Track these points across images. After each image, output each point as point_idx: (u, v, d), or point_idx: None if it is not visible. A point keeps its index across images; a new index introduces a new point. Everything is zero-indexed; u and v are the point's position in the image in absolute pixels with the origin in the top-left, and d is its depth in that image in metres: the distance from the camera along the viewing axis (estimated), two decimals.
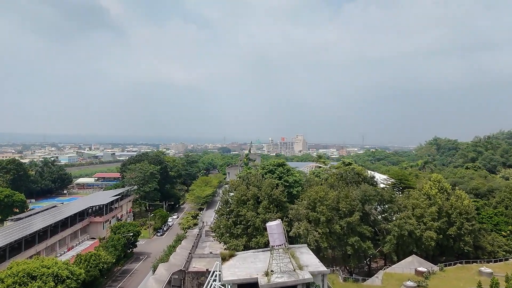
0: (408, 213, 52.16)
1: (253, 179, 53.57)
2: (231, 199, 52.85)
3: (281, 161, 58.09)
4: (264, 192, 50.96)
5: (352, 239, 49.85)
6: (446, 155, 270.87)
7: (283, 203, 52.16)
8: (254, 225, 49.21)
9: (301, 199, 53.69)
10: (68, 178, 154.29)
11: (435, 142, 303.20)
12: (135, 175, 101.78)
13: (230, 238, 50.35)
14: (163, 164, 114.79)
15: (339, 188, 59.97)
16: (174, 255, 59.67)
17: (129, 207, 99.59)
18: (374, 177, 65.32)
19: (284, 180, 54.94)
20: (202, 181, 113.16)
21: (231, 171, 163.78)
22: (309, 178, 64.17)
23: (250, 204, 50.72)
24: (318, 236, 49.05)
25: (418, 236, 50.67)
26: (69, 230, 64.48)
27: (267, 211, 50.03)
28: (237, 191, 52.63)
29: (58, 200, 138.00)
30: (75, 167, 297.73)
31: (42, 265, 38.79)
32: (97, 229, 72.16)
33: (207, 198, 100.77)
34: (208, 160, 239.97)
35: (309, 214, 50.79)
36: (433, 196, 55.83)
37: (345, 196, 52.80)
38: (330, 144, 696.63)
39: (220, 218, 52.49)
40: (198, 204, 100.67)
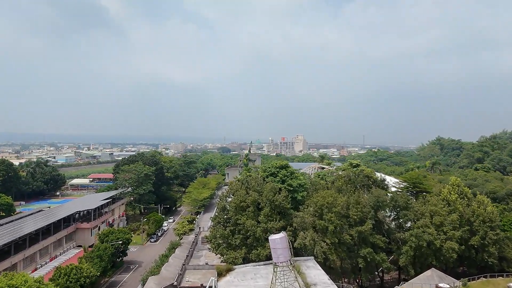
0: (426, 221, 46.77)
1: (253, 183, 48.23)
2: (229, 205, 47.49)
3: (284, 163, 52.72)
4: (266, 197, 45.62)
5: (364, 250, 44.53)
6: (449, 155, 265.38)
7: (286, 210, 46.82)
8: (254, 235, 43.89)
9: (306, 206, 48.37)
10: (61, 179, 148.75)
11: (438, 142, 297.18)
12: (129, 176, 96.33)
13: (227, 250, 45.03)
14: (159, 165, 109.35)
15: (347, 192, 54.66)
16: (166, 266, 54.19)
17: (122, 211, 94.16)
18: (384, 180, 59.96)
19: (287, 184, 49.58)
20: (199, 183, 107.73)
21: (230, 172, 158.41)
22: (315, 181, 58.79)
23: (250, 211, 45.38)
24: (326, 248, 43.69)
25: (437, 247, 45.30)
26: (52, 238, 59.07)
27: (269, 220, 44.70)
28: (236, 196, 47.27)
29: (50, 202, 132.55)
30: (72, 167, 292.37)
31: (9, 284, 33.37)
32: (84, 236, 66.76)
33: (204, 201, 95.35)
34: (207, 161, 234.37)
35: (315, 223, 45.44)
36: (452, 202, 50.43)
37: (355, 202, 47.46)
38: (330, 144, 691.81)
39: (216, 226, 47.11)
40: (195, 207, 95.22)
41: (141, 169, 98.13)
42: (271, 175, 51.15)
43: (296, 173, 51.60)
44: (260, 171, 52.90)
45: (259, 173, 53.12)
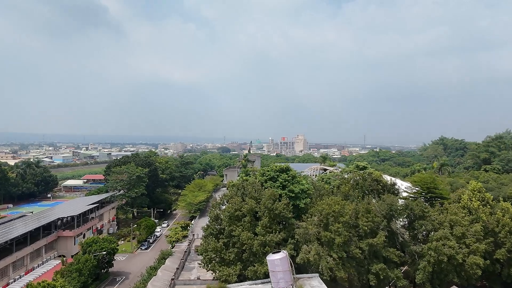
0: (445, 232, 41.20)
1: (250, 189, 42.70)
2: (223, 214, 41.95)
3: (284, 165, 47.17)
4: (264, 206, 40.09)
5: (376, 266, 38.99)
6: (453, 155, 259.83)
7: (287, 219, 41.29)
8: (251, 249, 38.38)
9: (310, 214, 42.83)
10: (53, 180, 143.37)
11: (442, 142, 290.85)
12: (120, 178, 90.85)
13: (220, 265, 39.48)
14: (152, 166, 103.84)
15: (355, 199, 49.14)
16: (153, 280, 48.77)
17: (113, 215, 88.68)
18: (395, 184, 54.35)
19: (288, 190, 44.04)
20: (195, 185, 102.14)
21: (228, 173, 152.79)
22: (318, 185, 53.28)
23: (246, 222, 39.85)
24: (333, 263, 38.15)
25: (459, 262, 39.76)
26: (29, 248, 53.58)
27: (268, 231, 39.16)
28: (230, 204, 41.74)
29: (40, 205, 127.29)
30: (69, 168, 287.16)
31: None
32: (67, 244, 61.31)
33: (200, 205, 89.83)
34: (205, 161, 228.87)
35: (320, 234, 39.90)
36: (475, 210, 44.88)
37: (365, 211, 41.95)
38: (331, 144, 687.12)
39: (208, 238, 41.58)
40: (190, 211, 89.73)
41: (133, 171, 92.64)
42: (270, 180, 45.61)
43: (298, 177, 46.08)
44: (258, 175, 47.43)
45: (257, 177, 47.62)
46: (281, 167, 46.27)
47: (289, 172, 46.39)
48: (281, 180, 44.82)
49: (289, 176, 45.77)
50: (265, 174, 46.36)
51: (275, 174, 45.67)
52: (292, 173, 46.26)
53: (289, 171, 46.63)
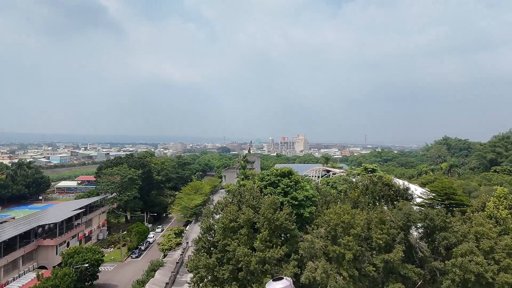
0: (471, 245, 35.95)
1: (248, 196, 37.43)
2: (216, 225, 36.73)
3: (286, 169, 41.86)
4: (263, 216, 34.88)
5: (392, 286, 33.83)
6: (457, 155, 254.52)
7: (290, 231, 36.06)
8: (248, 267, 33.15)
9: (316, 225, 37.57)
10: (45, 182, 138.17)
11: (445, 142, 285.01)
12: (112, 181, 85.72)
13: (213, 285, 34.29)
14: (146, 168, 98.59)
15: (365, 206, 43.86)
16: None
17: (103, 220, 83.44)
18: (408, 189, 49.08)
19: (291, 197, 38.79)
20: (191, 187, 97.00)
21: (227, 174, 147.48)
22: (324, 190, 48.02)
23: (243, 234, 34.63)
24: (343, 283, 32.96)
25: (488, 281, 34.51)
26: (3, 260, 48.36)
27: (267, 246, 33.95)
28: (225, 213, 36.48)
29: (31, 207, 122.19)
30: (66, 168, 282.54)
31: None
32: (48, 254, 56.09)
33: (196, 208, 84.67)
34: (204, 161, 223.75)
35: (328, 249, 34.69)
36: (503, 221, 39.60)
37: (379, 221, 36.73)
38: (331, 144, 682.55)
39: (199, 253, 36.34)
40: (185, 216, 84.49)
41: (126, 173, 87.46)
42: (270, 185, 40.34)
43: (302, 182, 40.82)
44: (257, 180, 42.21)
45: (256, 182, 42.41)
46: (282, 170, 40.98)
47: (292, 176, 41.13)
48: (283, 185, 39.54)
49: (292, 181, 40.51)
50: (265, 178, 41.07)
51: (276, 178, 40.40)
52: (295, 178, 41.00)
53: (292, 175, 41.37)
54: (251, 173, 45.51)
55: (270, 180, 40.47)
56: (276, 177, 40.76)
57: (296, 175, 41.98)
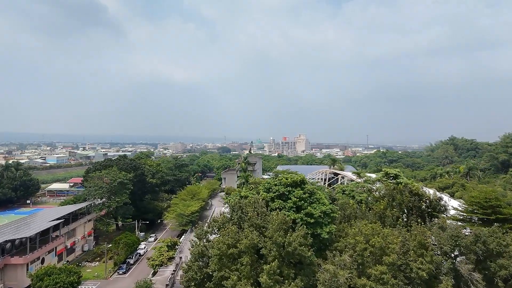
0: None
1: (251, 213, 29.52)
2: (211, 250, 28.81)
3: (297, 177, 33.80)
4: (272, 240, 26.98)
5: None
6: (464, 156, 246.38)
7: (305, 259, 28.14)
8: None
9: (337, 250, 29.69)
10: (33, 184, 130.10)
11: (452, 142, 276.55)
12: (99, 185, 77.79)
13: None
14: (139, 171, 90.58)
15: (395, 222, 35.98)
16: None
17: (90, 229, 75.52)
18: (441, 200, 41.13)
19: (305, 213, 30.85)
20: (188, 192, 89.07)
21: (227, 176, 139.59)
22: (342, 202, 40.12)
23: (245, 264, 26.71)
24: None
25: None
26: None
27: (277, 280, 26.01)
28: (222, 235, 28.57)
29: (17, 212, 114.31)
30: (62, 169, 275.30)
31: None
32: (17, 274, 48.09)
33: (192, 216, 76.71)
34: (204, 162, 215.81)
35: (355, 282, 26.83)
36: None
37: (418, 245, 28.84)
38: (333, 144, 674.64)
39: (189, 286, 28.39)
40: (180, 224, 76.51)
41: (115, 176, 79.48)
42: (279, 198, 32.47)
43: (318, 194, 32.86)
44: (262, 190, 34.25)
45: (260, 193, 34.48)
46: (293, 179, 32.98)
47: (305, 186, 33.17)
48: (295, 198, 31.59)
49: (306, 192, 32.55)
50: (272, 189, 33.12)
51: (286, 189, 32.44)
52: (308, 188, 33.04)
53: (305, 185, 33.41)
54: (254, 182, 37.46)
55: (278, 192, 32.52)
56: (286, 187, 32.82)
57: (309, 184, 34.05)
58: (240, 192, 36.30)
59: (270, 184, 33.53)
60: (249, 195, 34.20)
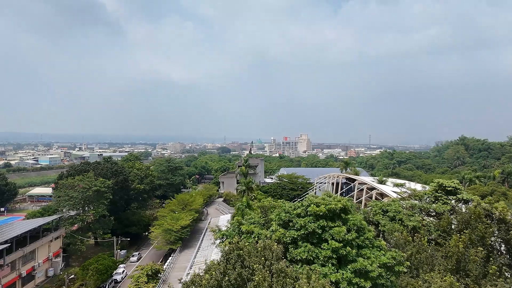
0: None
1: (259, 273, 16.20)
2: None
3: (335, 203, 19.98)
4: None
5: None
6: (476, 157, 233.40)
7: None
8: None
9: None
10: (10, 189, 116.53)
11: (462, 142, 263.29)
12: (70, 195, 64.61)
13: None
14: (121, 176, 77.12)
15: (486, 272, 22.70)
16: None
17: (57, 248, 62.18)
18: None
19: (354, 269, 17.44)
20: (178, 201, 75.66)
21: (225, 180, 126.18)
22: (389, 227, 26.98)
23: None
24: None
25: None
26: None
27: None
28: None
29: None
30: (54, 170, 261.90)
31: None
32: None
33: (182, 232, 63.34)
34: (201, 164, 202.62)
35: None
36: None
37: None
38: (334, 144, 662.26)
39: None
40: (167, 241, 63.06)
41: (90, 184, 66.22)
42: (305, 239, 19.12)
43: (367, 231, 19.52)
44: (275, 221, 20.72)
45: (273, 224, 20.95)
46: (329, 206, 19.44)
47: (348, 217, 19.71)
48: (335, 243, 18.09)
49: (351, 229, 19.12)
50: (291, 222, 19.72)
51: (316, 225, 18.98)
52: (354, 220, 19.58)
53: (348, 215, 19.99)
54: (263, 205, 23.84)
55: (305, 228, 19.06)
56: (317, 219, 19.38)
57: (355, 215, 20.59)
58: (240, 221, 22.88)
59: (290, 214, 20.13)
60: (255, 230, 20.94)
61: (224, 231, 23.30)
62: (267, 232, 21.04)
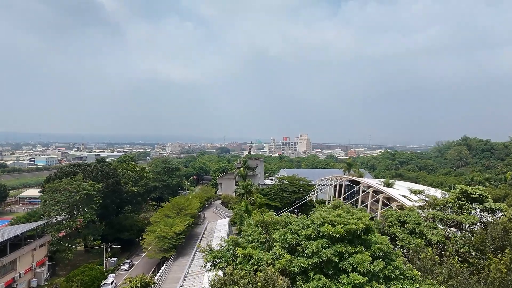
0: None
1: None
2: None
3: (355, 222, 15.87)
4: None
5: None
6: (479, 157, 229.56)
7: None
8: None
9: None
10: (0, 191, 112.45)
11: (465, 143, 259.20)
12: (57, 199, 60.42)
13: None
14: (112, 179, 72.81)
15: None
16: None
17: (41, 257, 57.91)
18: None
19: None
20: (173, 206, 71.34)
21: (224, 182, 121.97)
22: (412, 244, 22.91)
23: None
24: None
25: None
26: None
27: None
28: None
29: None
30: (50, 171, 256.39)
31: None
32: None
33: (176, 239, 59.09)
34: (199, 164, 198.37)
35: None
36: None
37: None
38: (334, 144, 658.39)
39: None
40: (161, 248, 58.77)
41: (78, 187, 62.03)
42: (319, 268, 15.08)
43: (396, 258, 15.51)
44: (279, 243, 16.73)
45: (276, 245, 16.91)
46: (349, 225, 15.34)
47: (371, 239, 15.55)
48: (357, 277, 13.95)
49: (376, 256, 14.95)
50: (302, 247, 15.61)
51: (333, 251, 14.82)
52: (379, 243, 15.42)
53: (370, 235, 15.82)
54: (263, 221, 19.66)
55: (317, 256, 14.88)
56: (333, 242, 15.24)
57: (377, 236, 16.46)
58: (236, 240, 18.71)
59: (298, 235, 15.93)
60: (254, 254, 16.78)
61: (216, 252, 19.11)
62: (268, 255, 16.89)
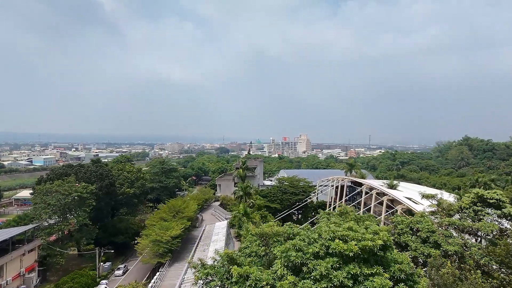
0: None
1: None
2: None
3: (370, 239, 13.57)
4: None
5: None
6: (480, 158, 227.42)
7: None
8: None
9: None
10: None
11: (466, 143, 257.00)
12: (47, 202, 57.99)
13: None
14: (106, 181, 70.37)
15: None
16: None
17: (31, 262, 55.48)
18: None
19: None
20: (169, 208, 68.84)
21: (222, 183, 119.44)
22: (431, 258, 20.59)
23: None
24: None
25: None
26: None
27: None
28: None
29: None
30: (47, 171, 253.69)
31: None
32: None
33: (172, 243, 56.60)
34: (198, 165, 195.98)
35: None
36: None
37: None
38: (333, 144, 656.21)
39: None
40: (156, 253, 56.33)
41: (70, 189, 59.60)
42: None
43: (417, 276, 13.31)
44: (281, 261, 14.59)
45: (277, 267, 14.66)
46: (364, 242, 13.05)
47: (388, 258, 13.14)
48: None
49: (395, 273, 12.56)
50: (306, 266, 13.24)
51: (346, 274, 12.45)
52: (399, 262, 13.02)
53: (387, 253, 13.42)
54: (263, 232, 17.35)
55: (327, 279, 12.53)
56: (344, 263, 12.87)
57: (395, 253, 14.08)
58: (231, 256, 16.34)
59: (303, 252, 13.56)
60: (252, 273, 14.47)
61: (209, 268, 16.69)
62: (269, 274, 14.47)
